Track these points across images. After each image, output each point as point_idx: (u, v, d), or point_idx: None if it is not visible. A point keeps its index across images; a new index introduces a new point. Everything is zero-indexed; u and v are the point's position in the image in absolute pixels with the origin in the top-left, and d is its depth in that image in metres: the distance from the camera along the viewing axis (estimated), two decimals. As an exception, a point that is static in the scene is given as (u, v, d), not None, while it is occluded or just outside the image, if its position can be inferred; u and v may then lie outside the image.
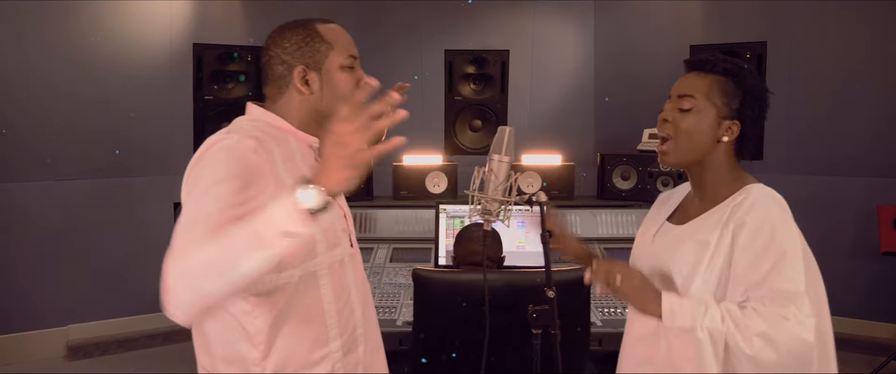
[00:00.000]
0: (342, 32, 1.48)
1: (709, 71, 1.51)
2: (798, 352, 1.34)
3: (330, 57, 1.44)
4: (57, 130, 4.20)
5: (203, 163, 1.32)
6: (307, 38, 1.44)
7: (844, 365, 4.30)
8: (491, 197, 1.57)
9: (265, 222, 1.15)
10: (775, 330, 1.33)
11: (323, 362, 1.44)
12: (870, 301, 4.46)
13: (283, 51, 1.44)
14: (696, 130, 1.48)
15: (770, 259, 1.38)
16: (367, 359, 1.55)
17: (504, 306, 1.83)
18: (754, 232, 1.41)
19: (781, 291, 1.36)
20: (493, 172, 1.57)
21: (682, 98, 1.50)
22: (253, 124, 1.44)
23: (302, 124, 1.47)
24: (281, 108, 1.47)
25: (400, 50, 5.19)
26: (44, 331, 4.25)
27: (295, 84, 1.43)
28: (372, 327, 1.60)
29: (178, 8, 4.47)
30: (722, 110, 1.49)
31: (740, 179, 1.52)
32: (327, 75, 1.44)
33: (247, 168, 1.30)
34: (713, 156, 1.51)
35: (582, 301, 2.14)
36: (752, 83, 1.50)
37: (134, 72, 4.38)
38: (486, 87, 3.96)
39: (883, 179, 4.33)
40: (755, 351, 1.33)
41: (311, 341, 1.42)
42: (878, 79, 4.32)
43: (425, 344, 2.22)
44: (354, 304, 1.51)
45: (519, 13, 5.17)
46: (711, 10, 4.76)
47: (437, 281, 2.15)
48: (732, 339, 1.35)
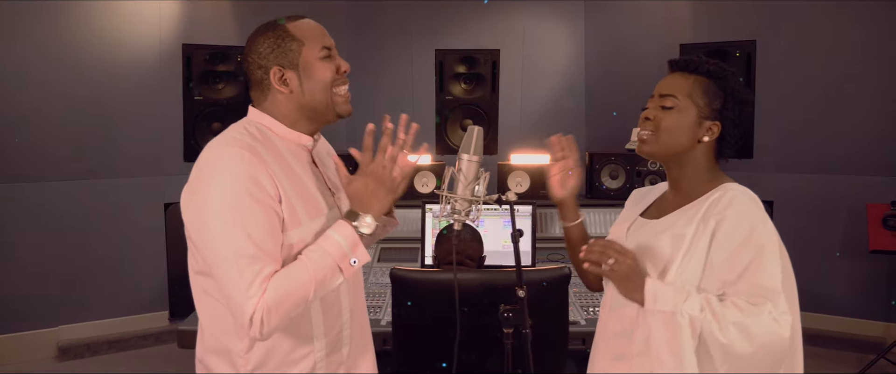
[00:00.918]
0: (313, 26, 1.52)
1: (692, 72, 1.53)
2: (772, 346, 1.35)
3: (303, 52, 1.48)
4: (47, 130, 4.20)
5: (207, 181, 1.38)
6: (278, 38, 1.48)
7: (835, 363, 4.34)
8: (460, 196, 1.58)
9: (339, 253, 1.39)
10: (751, 322, 1.35)
11: (305, 359, 1.49)
12: (860, 299, 4.47)
13: (258, 55, 1.48)
14: (677, 128, 1.50)
15: (748, 255, 1.40)
16: (350, 361, 1.59)
17: (482, 305, 1.84)
18: (733, 227, 1.42)
19: (758, 286, 1.38)
20: (463, 171, 1.59)
21: (664, 97, 1.53)
22: (246, 129, 1.48)
23: (292, 122, 1.51)
24: (268, 109, 1.51)
25: (391, 50, 5.20)
26: (34, 332, 4.25)
27: (274, 85, 1.47)
28: (360, 330, 1.64)
29: (166, 8, 4.47)
30: (703, 110, 1.51)
31: (717, 178, 1.54)
32: (304, 69, 1.48)
33: (251, 176, 1.37)
34: (692, 155, 1.53)
35: (560, 300, 2.14)
36: (735, 86, 1.52)
37: (124, 72, 4.38)
38: (476, 86, 3.96)
39: (872, 177, 4.34)
40: (730, 340, 1.35)
41: (295, 338, 1.48)
42: (867, 77, 4.33)
43: (404, 344, 2.23)
44: (343, 306, 1.56)
45: (509, 13, 5.18)
46: (701, 10, 4.77)
47: (413, 281, 2.15)
48: (708, 327, 1.36)
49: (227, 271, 1.34)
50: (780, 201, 4.46)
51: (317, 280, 1.36)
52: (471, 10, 5.16)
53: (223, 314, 1.45)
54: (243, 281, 1.32)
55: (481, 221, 3.00)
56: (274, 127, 1.50)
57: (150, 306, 4.52)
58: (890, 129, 4.29)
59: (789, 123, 4.57)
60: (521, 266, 1.65)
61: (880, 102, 4.30)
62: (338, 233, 1.40)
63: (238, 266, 1.32)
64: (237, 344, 1.46)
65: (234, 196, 1.35)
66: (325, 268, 1.37)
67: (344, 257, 1.39)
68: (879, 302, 4.41)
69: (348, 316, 1.57)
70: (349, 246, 1.40)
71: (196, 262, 1.47)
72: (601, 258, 1.44)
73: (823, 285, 4.55)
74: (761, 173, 4.61)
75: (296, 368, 1.48)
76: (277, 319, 1.33)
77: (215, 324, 1.48)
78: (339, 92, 1.51)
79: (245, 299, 1.31)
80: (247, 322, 1.32)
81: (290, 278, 1.35)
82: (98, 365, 4.17)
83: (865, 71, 4.33)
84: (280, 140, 1.50)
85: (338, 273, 1.39)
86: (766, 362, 1.37)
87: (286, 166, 1.45)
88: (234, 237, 1.33)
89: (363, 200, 1.44)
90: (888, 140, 4.30)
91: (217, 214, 1.35)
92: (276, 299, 1.32)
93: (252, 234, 1.34)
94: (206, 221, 1.37)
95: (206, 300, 1.48)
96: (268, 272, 1.34)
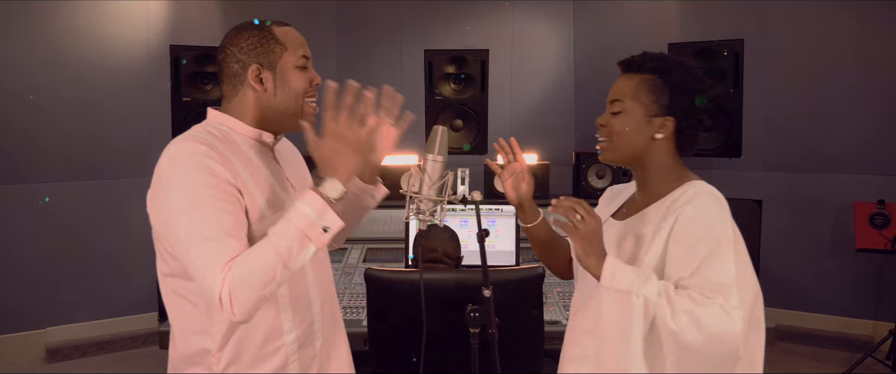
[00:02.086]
0: (296, 35, 1.53)
1: (636, 71, 1.53)
2: (721, 337, 1.34)
3: (284, 57, 1.49)
4: (35, 131, 4.18)
5: (166, 180, 1.39)
6: (262, 38, 1.49)
7: (823, 362, 4.35)
8: (425, 196, 1.59)
9: (305, 222, 1.33)
10: (702, 312, 1.34)
11: (277, 354, 1.48)
12: (848, 298, 4.48)
13: (239, 50, 1.49)
14: (627, 131, 1.51)
15: (703, 250, 1.39)
16: (324, 354, 1.59)
17: (456, 304, 1.84)
18: (690, 223, 1.42)
19: (711, 281, 1.37)
20: (427, 172, 1.59)
21: (612, 103, 1.54)
22: (206, 129, 1.49)
23: (256, 121, 1.51)
24: (236, 105, 1.51)
25: (380, 50, 5.20)
26: (22, 334, 4.24)
27: (249, 82, 1.48)
28: (332, 322, 1.63)
29: (154, 9, 4.46)
30: (650, 108, 1.50)
31: (682, 177, 1.53)
32: (281, 74, 1.48)
33: (207, 167, 1.37)
34: (652, 154, 1.52)
35: (534, 300, 2.14)
36: (681, 78, 1.50)
37: (112, 73, 4.37)
38: (466, 86, 3.97)
39: (860, 176, 4.36)
40: (680, 328, 1.34)
41: (264, 333, 1.47)
42: (855, 76, 4.35)
43: (380, 344, 2.23)
44: (312, 299, 1.55)
45: (498, 13, 5.18)
46: (689, 9, 4.78)
47: (387, 281, 2.15)
48: (661, 312, 1.36)
49: (194, 259, 1.33)
50: (768, 200, 4.48)
51: (281, 252, 1.32)
52: (460, 10, 5.17)
53: (193, 313, 1.45)
54: (209, 263, 1.31)
55: (491, 221, 3.00)
56: (235, 126, 1.50)
57: (138, 308, 4.51)
58: (877, 127, 4.32)
59: (777, 122, 4.59)
60: (487, 266, 1.64)
61: (867, 100, 4.32)
62: (303, 201, 1.35)
63: (203, 250, 1.32)
64: (208, 342, 1.44)
65: (192, 185, 1.35)
66: (289, 237, 1.32)
67: (311, 225, 1.33)
68: (867, 300, 4.42)
69: (319, 309, 1.57)
70: (316, 213, 1.34)
71: (165, 264, 1.46)
72: (569, 213, 1.43)
73: (811, 284, 4.57)
74: (749, 172, 4.63)
75: (268, 363, 1.48)
76: (244, 297, 1.30)
77: (186, 325, 1.48)
78: (310, 103, 1.52)
79: (212, 280, 1.30)
80: (218, 304, 1.31)
81: (253, 253, 1.33)
82: (87, 366, 4.15)
83: (853, 70, 4.35)
84: (241, 137, 1.50)
85: (307, 242, 1.33)
86: (717, 355, 1.36)
87: (246, 161, 1.46)
88: (196, 224, 1.33)
89: (327, 161, 1.38)
90: (875, 139, 4.32)
91: (177, 206, 1.36)
92: (241, 276, 1.30)
93: (213, 218, 1.34)
94: (168, 214, 1.38)
95: (175, 302, 1.48)
96: (232, 252, 1.32)
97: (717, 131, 3.87)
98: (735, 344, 1.34)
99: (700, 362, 1.37)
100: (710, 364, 1.37)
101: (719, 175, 4.73)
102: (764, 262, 4.43)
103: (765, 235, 4.37)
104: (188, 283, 1.42)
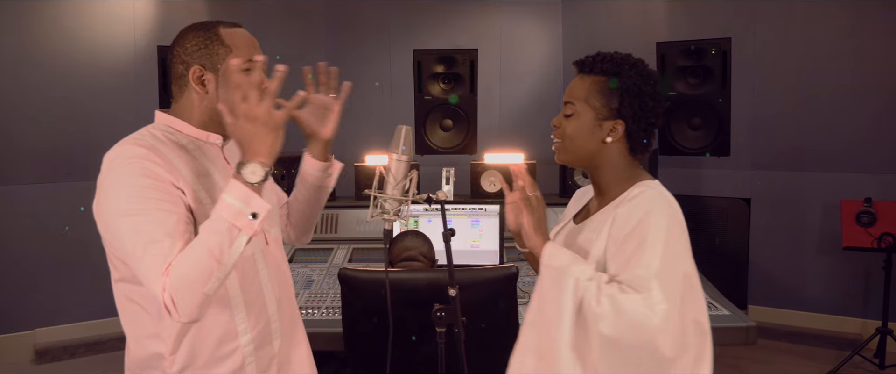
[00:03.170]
0: (245, 37, 1.50)
1: (588, 73, 1.52)
2: (638, 327, 1.32)
3: (228, 60, 1.45)
4: (23, 132, 4.17)
5: (107, 185, 1.37)
6: (207, 40, 1.46)
7: (812, 360, 4.36)
8: (389, 196, 1.58)
9: (231, 213, 1.29)
10: (624, 298, 1.34)
11: (232, 356, 1.47)
12: (836, 296, 4.50)
13: (184, 51, 1.47)
14: (578, 134, 1.50)
15: (631, 245, 1.39)
16: (283, 354, 1.58)
17: (428, 303, 1.84)
18: (623, 221, 1.42)
19: (635, 275, 1.36)
20: (391, 171, 1.59)
21: (565, 104, 1.53)
22: (150, 132, 1.47)
23: (202, 123, 1.49)
24: (182, 107, 1.49)
25: (368, 50, 5.19)
26: (11, 335, 4.23)
27: (191, 83, 1.46)
28: (290, 322, 1.62)
29: (141, 9, 4.45)
30: (600, 112, 1.49)
31: (634, 177, 1.52)
32: (224, 77, 1.45)
33: (146, 169, 1.35)
34: (604, 157, 1.52)
35: (508, 300, 2.14)
36: (631, 81, 1.48)
37: (99, 74, 4.36)
38: (455, 86, 3.96)
39: (847, 174, 4.37)
40: (602, 311, 1.34)
41: (218, 334, 1.45)
42: (842, 75, 4.36)
43: (354, 344, 2.23)
44: (267, 298, 1.53)
45: (487, 13, 5.19)
46: (677, 8, 4.79)
47: (360, 281, 2.14)
48: (588, 295, 1.37)
49: (137, 262, 1.32)
50: (756, 199, 4.49)
51: (211, 248, 1.28)
52: (448, 10, 5.17)
53: (144, 317, 1.44)
54: (151, 267, 1.29)
55: (475, 221, 3.01)
56: (181, 127, 1.49)
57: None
58: (865, 126, 4.33)
59: (765, 121, 4.60)
60: (454, 266, 1.64)
61: (855, 99, 4.34)
62: (227, 192, 1.31)
63: (145, 254, 1.30)
64: (161, 346, 1.43)
65: (132, 188, 1.33)
66: (217, 232, 1.29)
67: (238, 215, 1.29)
68: (855, 299, 4.44)
69: (275, 308, 1.55)
70: (241, 201, 1.30)
71: (115, 270, 1.45)
72: (529, 188, 1.51)
73: (799, 282, 4.58)
74: (738, 171, 4.64)
75: (223, 365, 1.46)
76: (185, 299, 1.28)
77: (138, 329, 1.47)
78: None
79: (155, 284, 1.28)
80: (164, 308, 1.29)
81: (187, 254, 1.30)
82: (75, 367, 4.14)
83: (840, 68, 4.36)
84: (187, 139, 1.48)
85: (236, 233, 1.29)
86: (634, 347, 1.34)
87: (191, 162, 1.44)
88: (138, 227, 1.31)
89: (245, 143, 1.33)
90: (863, 137, 4.34)
91: (119, 209, 1.34)
92: (179, 278, 1.27)
93: (155, 220, 1.32)
94: (111, 219, 1.35)
95: (127, 307, 1.47)
96: (172, 253, 1.30)
97: (705, 130, 3.88)
98: (652, 336, 1.32)
99: (621, 354, 1.36)
100: (632, 358, 1.35)
101: (708, 174, 4.76)
102: (752, 260, 4.45)
103: (753, 233, 4.39)
104: (138, 287, 1.40)
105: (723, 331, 2.31)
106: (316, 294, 2.72)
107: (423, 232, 2.57)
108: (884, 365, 3.90)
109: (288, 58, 4.67)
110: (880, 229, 3.85)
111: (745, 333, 2.32)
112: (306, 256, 3.14)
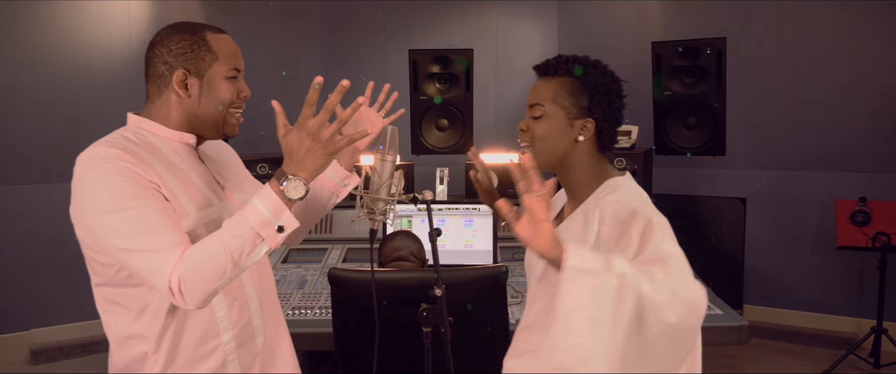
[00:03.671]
0: (230, 44, 1.49)
1: (553, 75, 1.52)
2: (693, 304, 1.22)
3: (214, 67, 1.44)
4: (17, 133, 4.16)
5: (84, 188, 1.36)
6: (194, 44, 1.44)
7: (807, 360, 4.36)
8: (375, 196, 1.58)
9: (259, 222, 1.30)
10: (665, 276, 1.21)
11: (214, 353, 1.46)
12: (831, 296, 4.50)
13: (168, 52, 1.44)
14: (549, 135, 1.50)
15: (636, 230, 1.33)
16: (266, 352, 1.57)
17: (416, 303, 1.84)
18: (615, 212, 1.40)
19: (659, 250, 1.27)
20: (377, 170, 1.58)
21: (532, 107, 1.53)
22: (121, 134, 1.46)
23: (177, 125, 1.48)
24: (158, 108, 1.48)
25: (364, 50, 5.19)
26: (7, 336, 4.22)
27: (173, 86, 1.44)
28: (273, 319, 1.61)
29: (136, 9, 4.45)
30: (571, 111, 1.49)
31: (603, 174, 1.52)
32: (208, 83, 1.45)
33: (121, 168, 1.35)
34: (575, 157, 1.51)
35: (498, 300, 2.14)
36: (598, 80, 1.49)
37: (94, 74, 4.35)
38: (451, 86, 3.96)
39: (842, 173, 4.38)
40: (661, 298, 1.19)
41: (200, 332, 1.45)
42: (836, 74, 4.37)
43: (344, 343, 2.23)
44: (249, 296, 1.53)
45: (482, 13, 5.19)
46: (672, 8, 4.80)
47: (350, 281, 2.14)
48: (643, 285, 1.19)
49: (131, 254, 1.31)
50: (751, 198, 4.49)
51: (231, 250, 1.28)
52: (444, 10, 5.17)
53: (126, 318, 1.43)
54: (157, 251, 1.29)
55: (469, 220, 3.01)
56: (155, 129, 1.47)
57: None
58: (859, 125, 4.34)
59: (760, 120, 4.61)
60: (440, 265, 1.64)
61: (849, 98, 4.34)
62: (260, 198, 1.31)
63: (146, 242, 1.29)
64: (144, 346, 1.42)
65: (109, 187, 1.32)
66: (241, 236, 1.28)
67: (265, 225, 1.29)
68: (850, 298, 4.45)
69: (257, 306, 1.54)
70: (271, 212, 1.30)
71: (95, 274, 1.45)
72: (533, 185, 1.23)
73: (795, 282, 4.59)
74: (733, 170, 4.65)
75: (206, 364, 1.45)
76: (194, 287, 1.28)
77: (120, 332, 1.45)
78: (235, 114, 1.49)
79: (162, 266, 1.28)
80: (167, 290, 1.28)
81: (204, 247, 1.30)
82: (71, 368, 4.13)
83: (835, 67, 4.37)
84: (161, 140, 1.47)
85: (259, 242, 1.29)
86: (687, 330, 1.23)
87: (165, 162, 1.43)
88: (128, 221, 1.31)
89: (295, 156, 1.32)
90: (858, 136, 4.34)
91: (98, 208, 1.32)
92: (192, 266, 1.28)
93: (144, 212, 1.31)
94: (91, 219, 1.34)
95: (109, 309, 1.45)
96: (178, 238, 1.30)
97: (700, 130, 3.89)
98: (702, 313, 1.24)
99: (680, 335, 1.23)
100: (687, 342, 1.27)
101: (703, 174, 4.76)
102: (747, 260, 4.45)
103: (748, 233, 4.39)
104: (120, 288, 1.40)
105: (716, 331, 2.31)
106: (310, 294, 2.72)
107: (413, 232, 2.58)
108: (878, 364, 3.90)
109: (283, 58, 4.72)
110: (875, 228, 3.86)
111: (737, 332, 2.32)
112: (300, 256, 3.14)
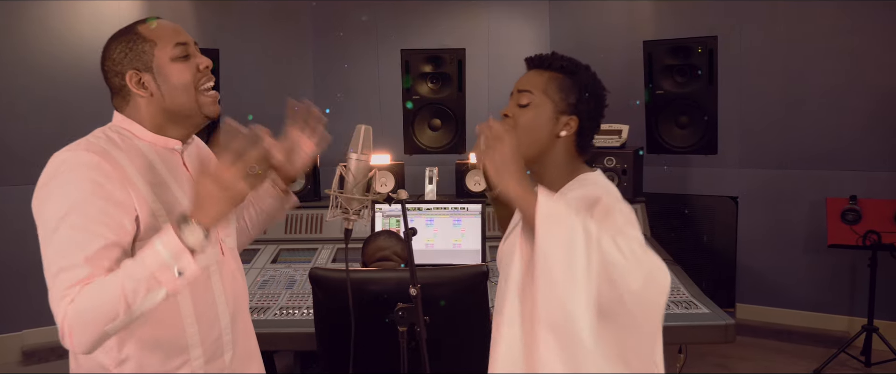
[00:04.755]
0: (165, 26, 1.45)
1: (546, 68, 1.52)
2: (654, 272, 1.24)
3: (156, 53, 1.41)
4: (10, 133, 4.16)
5: (47, 190, 1.33)
6: (130, 42, 1.41)
7: (798, 358, 4.37)
8: (349, 195, 1.57)
9: (157, 264, 1.23)
10: (629, 244, 1.25)
11: (181, 369, 1.42)
12: (822, 294, 4.51)
13: (113, 62, 1.42)
14: (534, 125, 1.49)
15: (599, 212, 1.35)
16: (235, 367, 1.53)
17: (395, 302, 1.84)
18: (580, 198, 1.40)
19: (619, 231, 1.28)
20: (351, 170, 1.58)
21: (521, 93, 1.51)
22: (105, 134, 1.43)
23: (156, 127, 1.45)
24: (132, 114, 1.45)
25: (356, 50, 5.19)
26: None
27: (133, 90, 1.42)
28: (243, 334, 1.57)
29: (126, 9, 4.44)
30: (559, 105, 1.49)
31: (576, 171, 1.53)
32: (159, 72, 1.41)
33: (93, 181, 1.31)
34: (553, 153, 1.51)
35: (479, 298, 2.14)
36: (588, 80, 1.51)
37: (86, 75, 4.32)
38: (443, 85, 3.96)
39: (833, 172, 4.39)
40: (625, 258, 1.22)
41: (167, 347, 1.40)
42: (828, 73, 4.37)
43: (326, 343, 2.24)
44: (220, 311, 1.49)
45: (474, 12, 5.19)
46: (663, 7, 4.80)
47: (329, 280, 2.14)
48: (604, 240, 1.23)
49: (49, 278, 1.27)
50: (744, 197, 4.50)
51: (126, 292, 1.22)
52: (436, 9, 5.17)
53: None
54: (56, 290, 1.25)
55: (457, 220, 3.01)
56: (138, 132, 1.44)
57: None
58: (851, 123, 4.34)
59: (752, 119, 4.61)
60: (415, 265, 1.64)
61: (841, 97, 4.35)
62: (160, 240, 1.24)
63: (54, 274, 1.26)
64: (104, 358, 1.38)
65: (67, 202, 1.28)
66: (136, 278, 1.22)
67: (164, 268, 1.23)
68: (842, 296, 4.45)
69: (228, 321, 1.49)
70: (171, 255, 1.23)
71: None
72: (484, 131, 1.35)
73: (786, 280, 4.59)
74: (725, 169, 4.65)
75: None
76: (82, 332, 1.22)
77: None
78: (207, 92, 1.45)
79: (56, 308, 1.24)
80: (60, 327, 1.23)
81: (97, 289, 1.23)
82: (63, 368, 4.09)
83: (827, 67, 4.37)
84: (145, 144, 1.43)
85: (155, 286, 1.23)
86: (658, 299, 1.26)
87: (148, 171, 1.39)
88: (58, 244, 1.27)
89: (198, 201, 1.28)
90: (849, 135, 4.35)
91: (47, 220, 1.30)
92: (79, 311, 1.22)
93: (79, 240, 1.27)
94: (45, 226, 1.32)
95: None
96: (80, 280, 1.24)
97: (692, 129, 3.89)
98: (665, 289, 1.25)
99: (641, 308, 1.26)
100: (645, 319, 1.28)
101: (695, 172, 4.76)
102: (739, 258, 4.46)
103: (740, 231, 4.40)
104: None
105: (702, 329, 2.32)
106: (298, 294, 2.72)
107: (396, 232, 2.58)
108: (869, 363, 3.91)
109: (276, 58, 4.72)
110: (865, 226, 3.86)
111: (724, 331, 2.32)
112: (290, 256, 3.14)
